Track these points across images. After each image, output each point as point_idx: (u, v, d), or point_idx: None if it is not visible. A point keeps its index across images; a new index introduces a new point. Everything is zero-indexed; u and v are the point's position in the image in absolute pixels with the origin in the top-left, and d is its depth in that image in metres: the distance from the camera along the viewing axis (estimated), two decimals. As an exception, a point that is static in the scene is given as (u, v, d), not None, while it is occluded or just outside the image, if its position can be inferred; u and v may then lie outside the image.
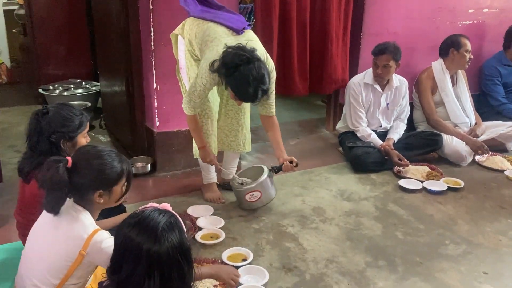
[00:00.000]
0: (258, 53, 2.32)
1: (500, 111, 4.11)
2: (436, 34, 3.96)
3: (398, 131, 3.55)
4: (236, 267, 2.14)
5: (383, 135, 3.55)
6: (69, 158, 1.53)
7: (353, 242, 2.46)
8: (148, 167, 3.26)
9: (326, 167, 3.43)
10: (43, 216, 1.62)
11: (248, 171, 2.85)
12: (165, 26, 2.98)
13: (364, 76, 3.52)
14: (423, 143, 3.53)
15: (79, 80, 5.05)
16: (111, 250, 1.32)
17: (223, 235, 2.43)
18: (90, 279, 1.68)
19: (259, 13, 3.45)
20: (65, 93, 4.70)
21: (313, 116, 4.73)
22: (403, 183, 3.11)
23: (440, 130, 3.62)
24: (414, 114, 3.89)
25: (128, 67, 3.32)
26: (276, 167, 2.69)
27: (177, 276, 1.26)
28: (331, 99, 4.17)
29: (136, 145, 3.47)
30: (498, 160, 3.49)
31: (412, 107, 3.83)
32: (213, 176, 2.92)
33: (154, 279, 1.22)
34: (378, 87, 3.50)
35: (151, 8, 2.96)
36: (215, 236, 2.44)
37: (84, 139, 1.97)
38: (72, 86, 4.85)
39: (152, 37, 3.02)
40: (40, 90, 4.77)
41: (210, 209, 2.74)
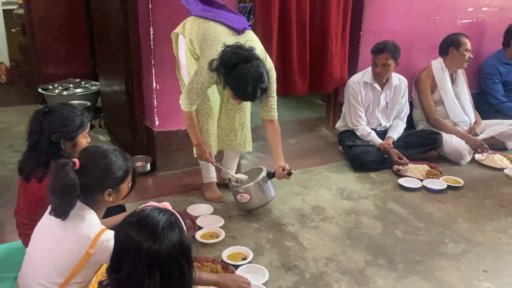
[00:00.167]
0: (256, 51, 2.32)
1: (500, 110, 4.12)
2: (435, 33, 3.97)
3: (398, 130, 3.56)
4: (236, 266, 2.15)
5: (382, 134, 3.55)
6: (76, 160, 1.53)
7: (353, 240, 2.46)
8: (148, 166, 3.26)
9: (325, 166, 3.43)
10: (47, 215, 1.62)
11: (250, 172, 2.83)
12: (164, 25, 2.98)
13: (363, 75, 3.52)
14: (422, 142, 3.53)
15: (78, 79, 5.05)
16: None
17: (223, 234, 2.43)
18: (94, 279, 1.68)
19: (258, 12, 3.45)
20: (64, 92, 4.70)
21: (312, 115, 4.73)
22: (402, 181, 3.11)
23: (439, 128, 3.62)
24: (414, 113, 3.89)
25: (127, 66, 3.32)
26: (272, 173, 2.65)
27: (177, 275, 1.26)
28: (331, 98, 4.17)
29: (135, 144, 3.46)
30: (497, 159, 3.49)
31: (412, 105, 3.83)
32: (213, 175, 2.92)
33: (154, 278, 1.23)
34: (377, 86, 3.50)
35: (150, 7, 2.96)
36: (215, 235, 2.44)
37: (84, 139, 1.97)
38: (72, 85, 4.85)
39: (152, 36, 3.02)
40: (40, 90, 4.76)
41: (210, 208, 2.74)
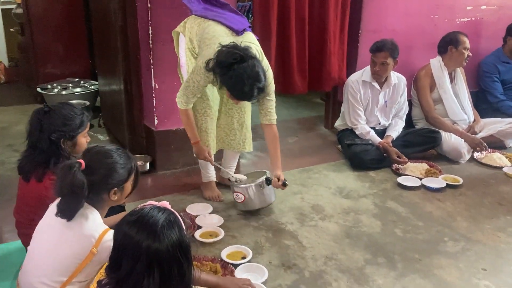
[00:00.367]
0: (252, 51, 2.30)
1: (499, 108, 4.12)
2: (434, 31, 3.97)
3: (397, 129, 3.56)
4: (235, 265, 2.15)
5: (381, 133, 3.56)
6: (81, 161, 1.53)
7: (352, 239, 2.47)
8: (147, 165, 3.26)
9: (325, 165, 3.43)
10: (49, 214, 1.62)
11: (255, 174, 2.80)
12: (163, 24, 2.98)
13: (362, 74, 3.52)
14: (421, 141, 3.54)
15: (77, 79, 5.06)
16: None
17: (222, 233, 2.43)
18: (94, 279, 1.68)
19: (257, 11, 3.45)
20: (63, 92, 4.70)
21: (311, 114, 4.74)
22: (401, 180, 3.11)
23: (438, 127, 3.63)
24: (413, 112, 3.89)
25: (126, 65, 3.32)
26: (270, 180, 2.63)
27: (176, 273, 1.26)
28: (330, 97, 4.17)
29: (134, 143, 3.46)
30: (496, 157, 3.49)
31: (411, 104, 3.84)
32: (212, 174, 2.92)
33: (153, 276, 1.23)
34: (376, 85, 3.50)
35: (149, 6, 2.96)
36: (214, 235, 2.43)
37: (84, 139, 1.97)
38: (71, 85, 4.85)
39: (150, 35, 3.01)
40: (39, 89, 4.77)
41: (209, 207, 2.74)
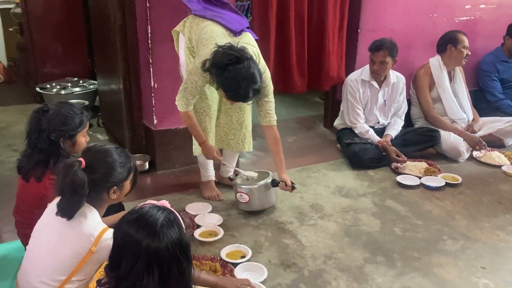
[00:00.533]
0: (249, 52, 2.30)
1: (498, 107, 4.13)
2: (433, 30, 3.97)
3: (396, 128, 3.56)
4: (235, 264, 2.15)
5: (380, 132, 3.56)
6: (81, 160, 1.53)
7: (351, 238, 2.47)
8: (146, 165, 3.26)
9: (324, 164, 3.43)
10: (48, 214, 1.62)
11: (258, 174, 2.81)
12: (162, 23, 2.98)
13: (361, 73, 3.52)
14: (420, 139, 3.54)
15: (76, 78, 5.05)
16: None
17: (221, 233, 2.43)
18: (94, 277, 1.68)
19: (256, 10, 3.44)
20: (62, 91, 4.70)
21: (311, 113, 4.74)
22: (401, 179, 3.12)
23: (437, 126, 3.63)
24: (412, 111, 3.89)
25: (125, 65, 3.31)
26: (276, 182, 2.67)
27: (176, 272, 1.26)
28: (329, 96, 4.17)
29: (134, 143, 3.46)
30: (495, 156, 3.50)
31: (410, 103, 3.84)
32: (211, 173, 2.92)
33: (153, 275, 1.23)
34: (375, 84, 3.50)
35: (147, 5, 2.96)
36: (213, 234, 2.44)
37: (83, 138, 1.97)
38: (70, 84, 4.85)
39: (149, 34, 3.01)
40: (38, 89, 4.76)
41: (208, 206, 2.74)
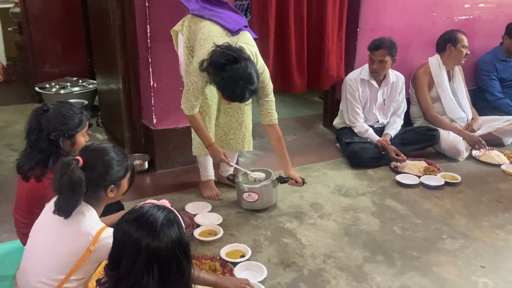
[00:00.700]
0: (246, 52, 2.29)
1: (497, 106, 4.13)
2: (432, 29, 3.97)
3: (395, 127, 3.56)
4: (235, 264, 2.15)
5: (380, 131, 3.56)
6: (79, 158, 1.53)
7: (351, 237, 2.47)
8: (146, 164, 3.26)
9: (323, 163, 3.44)
10: (46, 213, 1.62)
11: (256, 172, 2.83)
12: (161, 23, 2.98)
13: (360, 72, 3.52)
14: (420, 139, 3.54)
15: (75, 78, 5.05)
16: None
17: (221, 232, 2.43)
18: (93, 277, 1.68)
19: (255, 9, 3.45)
20: (61, 91, 4.69)
21: (310, 112, 4.74)
22: (400, 178, 3.12)
23: (436, 125, 3.63)
24: (411, 110, 3.89)
25: (124, 64, 3.31)
26: (283, 179, 2.72)
27: (176, 272, 1.26)
28: (328, 95, 4.17)
29: (133, 142, 3.46)
30: (494, 155, 3.50)
31: (409, 102, 3.84)
32: (210, 173, 2.92)
33: (153, 274, 1.23)
34: (374, 83, 3.50)
35: (146, 5, 2.96)
36: (213, 233, 2.44)
37: (83, 138, 1.96)
38: (69, 84, 4.85)
39: (149, 34, 3.01)
40: (37, 89, 4.76)
41: (208, 206, 2.75)
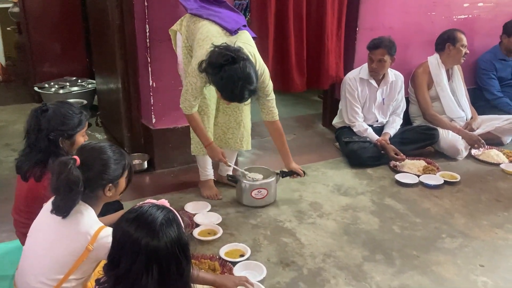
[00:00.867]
0: (245, 52, 2.29)
1: (496, 105, 4.13)
2: (431, 28, 3.97)
3: (394, 126, 3.56)
4: (234, 263, 2.15)
5: (379, 130, 3.56)
6: (76, 157, 1.53)
7: (350, 236, 2.47)
8: (145, 164, 3.25)
9: (322, 162, 3.44)
10: (44, 213, 1.62)
11: (253, 170, 2.84)
12: (160, 23, 2.98)
13: (359, 71, 3.52)
14: (419, 138, 3.54)
15: (74, 77, 5.04)
16: None
17: (220, 231, 2.43)
18: (92, 276, 1.68)
19: (254, 9, 3.44)
20: (60, 91, 4.69)
21: (309, 112, 4.74)
22: (399, 177, 3.12)
23: (436, 124, 3.63)
24: (410, 109, 3.89)
25: (123, 64, 3.31)
26: (285, 173, 2.78)
27: (175, 271, 1.26)
28: (327, 95, 4.17)
29: (132, 142, 3.46)
30: (493, 154, 3.50)
31: (408, 101, 3.84)
32: (210, 172, 2.92)
33: (152, 273, 1.23)
34: (373, 82, 3.50)
35: (146, 4, 2.95)
36: (212, 233, 2.44)
37: (82, 138, 1.96)
38: (68, 84, 4.85)
39: (148, 33, 3.01)
40: (36, 88, 4.75)
41: (207, 205, 2.75)
